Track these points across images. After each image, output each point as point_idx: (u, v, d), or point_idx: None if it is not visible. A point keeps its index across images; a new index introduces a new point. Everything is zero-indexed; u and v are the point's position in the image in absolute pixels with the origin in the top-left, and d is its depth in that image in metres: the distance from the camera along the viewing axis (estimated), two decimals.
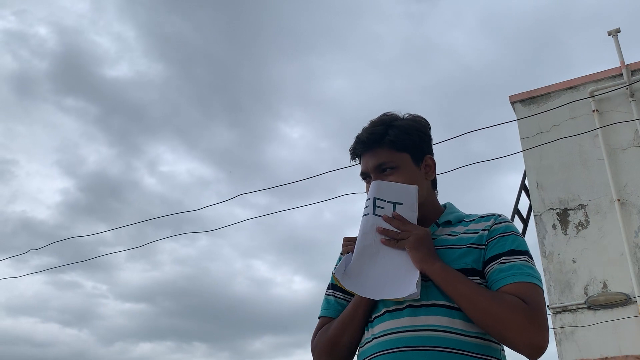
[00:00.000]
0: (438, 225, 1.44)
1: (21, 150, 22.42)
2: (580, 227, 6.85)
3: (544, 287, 4.40)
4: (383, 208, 1.39)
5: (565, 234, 6.88)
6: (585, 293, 6.55)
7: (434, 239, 1.39)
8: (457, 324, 1.27)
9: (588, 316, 6.45)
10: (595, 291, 6.52)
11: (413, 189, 1.40)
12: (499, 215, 1.43)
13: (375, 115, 1.51)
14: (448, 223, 1.44)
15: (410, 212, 1.39)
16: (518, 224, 7.38)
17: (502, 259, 1.31)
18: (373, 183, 1.42)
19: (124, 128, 22.69)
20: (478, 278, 1.31)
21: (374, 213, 1.39)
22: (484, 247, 1.35)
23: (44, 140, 23.14)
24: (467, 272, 1.30)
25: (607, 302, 6.39)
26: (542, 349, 1.22)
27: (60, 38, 21.07)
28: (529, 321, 1.20)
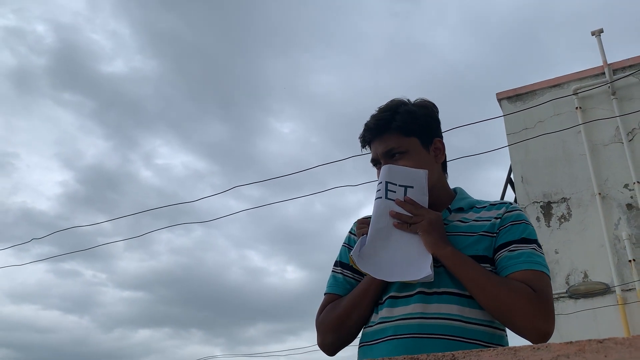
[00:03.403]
0: (450, 211, 1.41)
1: (22, 143, 22.29)
2: (562, 220, 6.89)
3: None
4: (395, 192, 1.36)
5: (549, 226, 6.92)
6: (567, 282, 6.60)
7: (446, 224, 1.36)
8: (467, 312, 1.25)
9: (569, 304, 6.49)
10: (577, 281, 6.57)
11: (423, 173, 1.37)
12: (511, 204, 1.41)
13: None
14: (460, 209, 1.41)
15: (421, 196, 1.36)
16: None
17: (512, 247, 1.29)
18: (384, 167, 1.39)
19: (120, 122, 22.61)
20: (489, 265, 1.30)
21: (386, 197, 1.36)
22: (495, 234, 1.33)
23: (44, 134, 23.02)
24: (479, 259, 1.29)
25: (587, 292, 6.43)
26: (548, 335, 1.21)
27: (58, 35, 20.92)
28: (536, 308, 1.19)
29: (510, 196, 7.78)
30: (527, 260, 1.27)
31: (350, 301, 1.37)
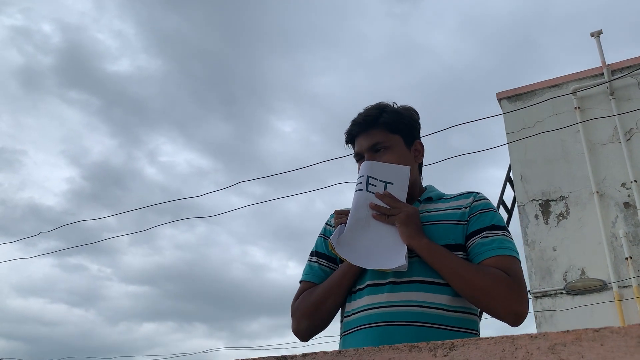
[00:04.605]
0: (420, 202, 1.45)
1: (29, 140, 22.37)
2: (560, 218, 6.89)
3: (526, 273, 4.46)
4: (375, 186, 1.40)
5: (547, 224, 6.92)
6: (565, 279, 6.60)
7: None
8: (440, 299, 1.27)
9: (567, 301, 6.50)
10: (574, 277, 6.57)
11: (406, 169, 1.41)
12: (477, 193, 1.44)
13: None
14: (429, 200, 1.46)
15: (400, 192, 1.40)
16: (503, 214, 7.40)
17: (483, 234, 1.33)
18: (366, 162, 1.42)
19: (125, 120, 22.68)
20: (462, 253, 1.33)
21: (366, 189, 1.40)
22: (466, 222, 1.36)
23: (51, 132, 23.11)
24: (452, 247, 1.32)
25: (584, 288, 6.44)
26: (523, 316, 1.24)
27: (64, 34, 20.97)
28: (511, 292, 1.22)
29: (509, 194, 7.78)
30: (499, 246, 1.30)
31: (325, 288, 1.39)
